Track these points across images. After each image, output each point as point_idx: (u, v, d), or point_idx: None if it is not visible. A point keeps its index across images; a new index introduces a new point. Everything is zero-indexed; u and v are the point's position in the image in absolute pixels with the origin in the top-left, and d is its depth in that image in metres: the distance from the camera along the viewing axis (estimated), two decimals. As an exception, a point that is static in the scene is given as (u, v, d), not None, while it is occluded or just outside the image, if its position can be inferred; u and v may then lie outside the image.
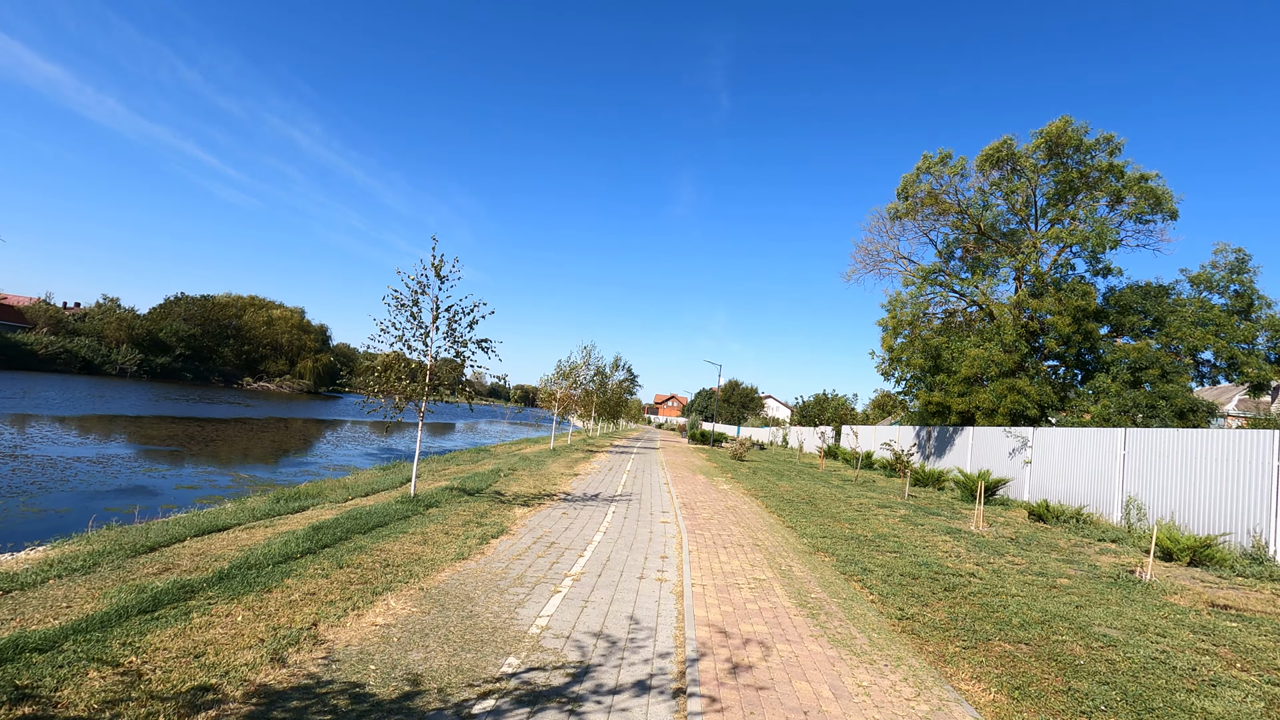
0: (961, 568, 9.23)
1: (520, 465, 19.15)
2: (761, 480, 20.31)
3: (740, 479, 20.43)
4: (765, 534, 11.07)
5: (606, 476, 18.59)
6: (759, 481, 19.90)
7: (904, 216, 25.67)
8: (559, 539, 9.14)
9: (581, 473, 18.84)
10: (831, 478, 22.84)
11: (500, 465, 18.71)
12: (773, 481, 20.05)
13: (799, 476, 22.23)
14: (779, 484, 19.33)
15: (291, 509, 9.57)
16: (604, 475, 18.82)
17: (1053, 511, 14.96)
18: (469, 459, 21.57)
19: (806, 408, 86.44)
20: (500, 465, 18.71)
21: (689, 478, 19.87)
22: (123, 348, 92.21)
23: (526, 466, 18.95)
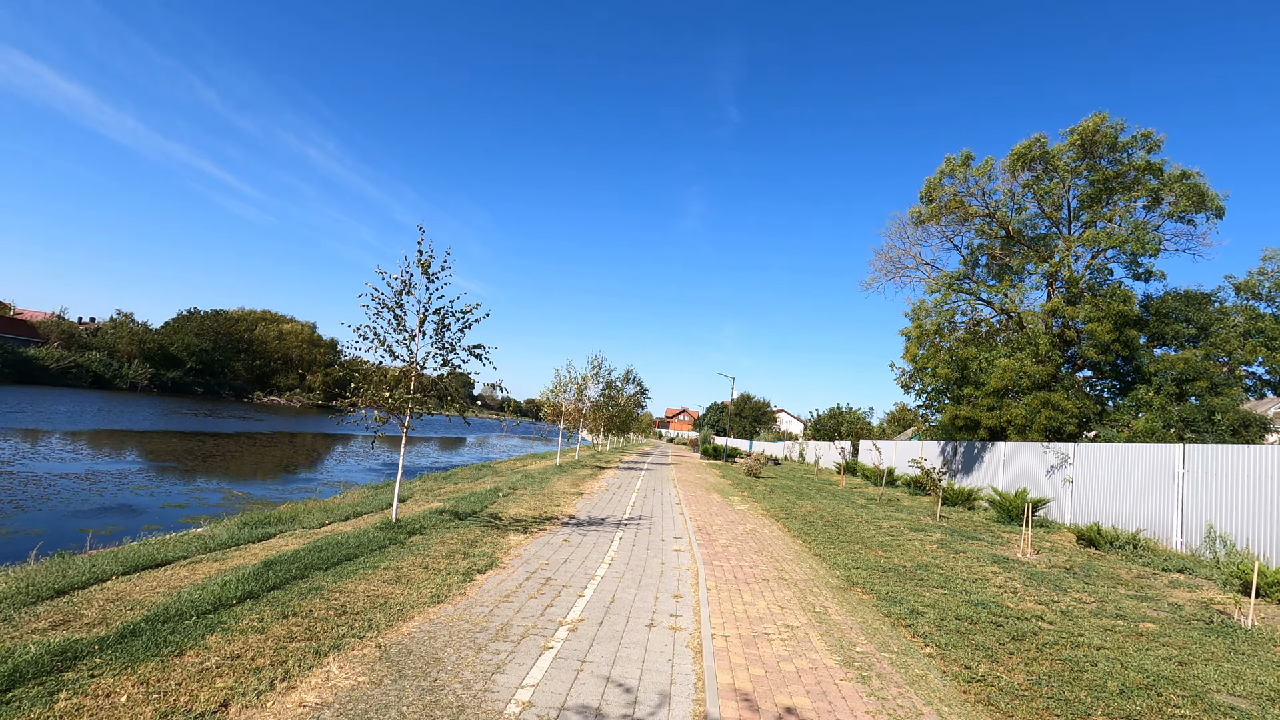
0: (1023, 608, 7.93)
1: (522, 484, 17.97)
2: (780, 499, 19.00)
3: (758, 498, 19.14)
4: (792, 564, 9.80)
5: (614, 496, 17.37)
6: (778, 501, 18.59)
7: (927, 221, 24.45)
8: (557, 573, 7.94)
9: (587, 492, 17.63)
10: (854, 496, 21.47)
11: (501, 484, 17.55)
12: (792, 501, 18.74)
13: (819, 495, 20.88)
14: (799, 503, 18.02)
15: (255, 536, 8.44)
16: (612, 495, 17.60)
17: (1105, 536, 13.56)
18: (469, 476, 20.43)
19: (821, 422, 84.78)
20: (501, 484, 17.55)
21: (703, 497, 18.61)
22: (134, 362, 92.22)
23: (529, 485, 17.77)
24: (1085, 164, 21.64)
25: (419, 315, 9.55)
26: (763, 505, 17.24)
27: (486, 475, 20.72)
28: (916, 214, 24.70)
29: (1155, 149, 20.95)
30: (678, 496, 18.28)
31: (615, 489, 18.60)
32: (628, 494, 17.92)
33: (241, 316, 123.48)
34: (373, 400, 9.18)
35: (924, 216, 24.35)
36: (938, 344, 24.85)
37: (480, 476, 20.32)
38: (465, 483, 18.45)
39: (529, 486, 17.33)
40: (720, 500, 18.05)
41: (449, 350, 9.68)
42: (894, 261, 25.90)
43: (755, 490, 21.47)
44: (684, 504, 16.52)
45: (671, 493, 18.58)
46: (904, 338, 26.55)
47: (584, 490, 17.79)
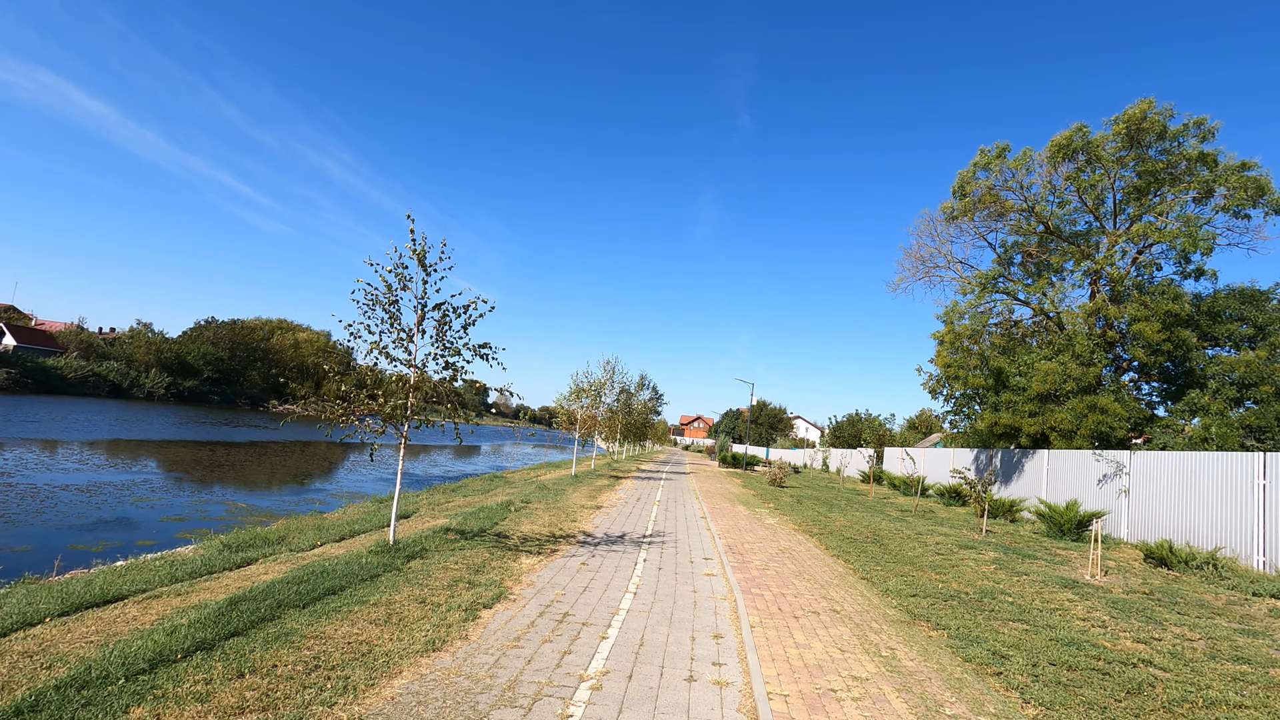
0: (1122, 647, 6.73)
1: (536, 496, 16.93)
2: (810, 511, 17.80)
3: (785, 510, 17.95)
4: (840, 591, 8.65)
5: (634, 509, 16.27)
6: (807, 513, 17.39)
7: (960, 217, 23.20)
8: (574, 606, 6.86)
9: (605, 505, 16.54)
10: (886, 507, 20.20)
11: (513, 496, 16.52)
12: (823, 513, 17.54)
13: (850, 506, 19.64)
14: (831, 516, 16.81)
15: (233, 562, 7.44)
16: (631, 507, 16.50)
17: (1178, 555, 12.25)
18: (479, 488, 19.44)
19: (840, 428, 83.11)
20: (513, 496, 16.52)
21: (728, 509, 17.45)
22: (151, 371, 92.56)
23: (543, 498, 16.72)
24: (1131, 154, 20.32)
25: (417, 312, 8.55)
26: (793, 519, 16.05)
27: (498, 487, 19.71)
28: (949, 209, 23.46)
29: (1209, 137, 19.61)
30: (701, 509, 17.14)
31: (634, 501, 17.50)
32: (648, 507, 16.81)
33: (258, 326, 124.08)
34: (367, 408, 8.18)
35: (956, 212, 23.11)
36: (969, 348, 23.55)
37: (492, 488, 19.31)
38: (475, 495, 17.44)
39: (543, 499, 16.28)
40: (747, 513, 16.89)
41: (451, 351, 8.67)
42: (924, 261, 24.68)
43: (781, 501, 20.28)
44: (709, 518, 15.39)
45: (694, 505, 17.45)
46: (935, 341, 25.29)
47: (601, 503, 16.71)
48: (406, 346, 8.59)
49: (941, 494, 23.19)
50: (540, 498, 16.57)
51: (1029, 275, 24.55)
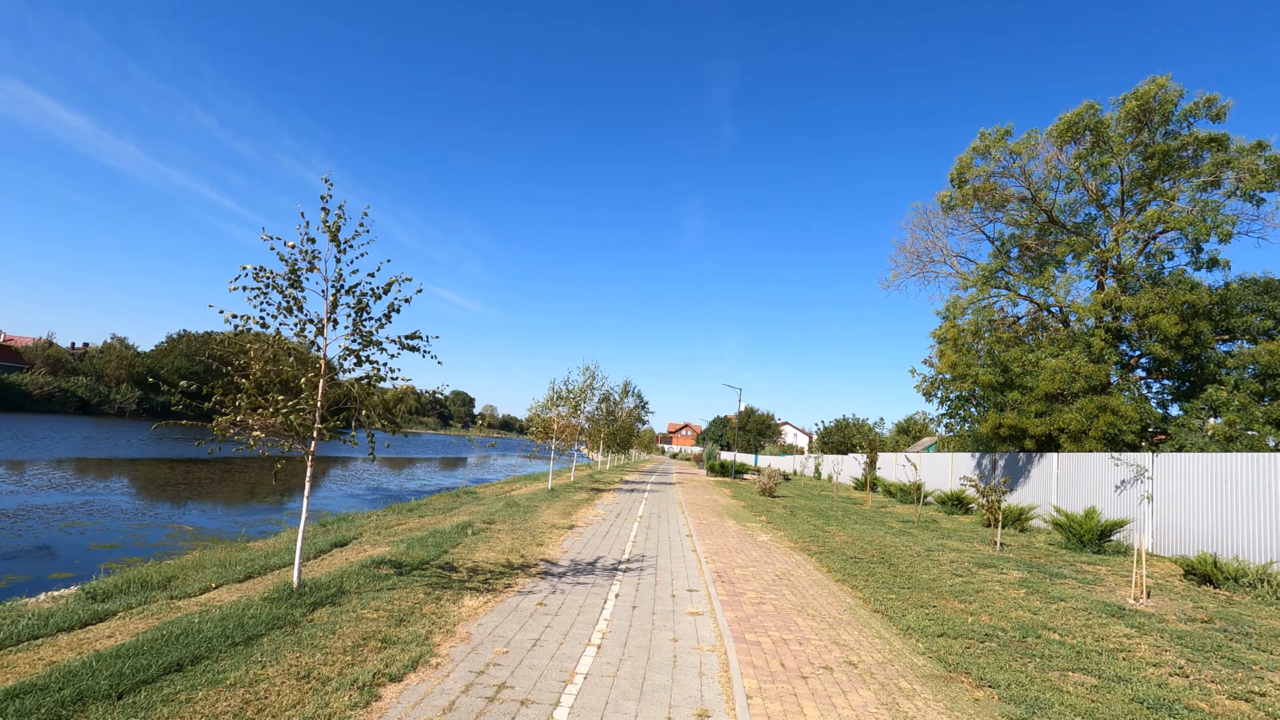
0: (1221, 709, 5.22)
1: (502, 515, 15.26)
2: (806, 525, 16.27)
3: (779, 524, 16.39)
4: (853, 632, 7.09)
5: (611, 528, 14.65)
6: (803, 527, 15.86)
7: (958, 206, 21.90)
8: (516, 672, 5.24)
9: (580, 523, 14.91)
10: (886, 518, 18.73)
11: (476, 515, 14.83)
12: (820, 527, 16.01)
13: (848, 518, 18.14)
14: (830, 530, 15.29)
15: (81, 618, 5.76)
16: (608, 526, 14.88)
17: (1224, 570, 10.82)
18: (442, 506, 17.71)
19: (829, 434, 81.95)
20: (476, 515, 14.83)
21: (716, 524, 15.86)
22: (122, 386, 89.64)
23: (510, 516, 15.06)
24: (1139, 138, 19.10)
25: (329, 298, 6.95)
26: (789, 535, 14.50)
27: (464, 504, 18.00)
28: (945, 199, 22.15)
29: (1220, 117, 18.43)
30: (687, 526, 15.54)
31: (613, 518, 15.86)
32: (627, 524, 15.19)
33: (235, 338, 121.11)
34: (261, 420, 6.55)
35: (954, 201, 21.81)
36: (972, 345, 22.20)
37: (456, 506, 17.60)
38: (435, 514, 15.73)
39: (510, 518, 14.60)
40: (737, 529, 15.31)
41: (367, 342, 7.08)
42: (918, 256, 23.36)
43: (774, 513, 18.74)
44: (696, 536, 13.80)
45: (679, 521, 15.85)
46: (933, 340, 23.94)
47: (576, 521, 15.06)
48: (316, 339, 6.98)
49: (943, 502, 21.75)
50: (507, 516, 14.89)
51: (1027, 269, 23.28)
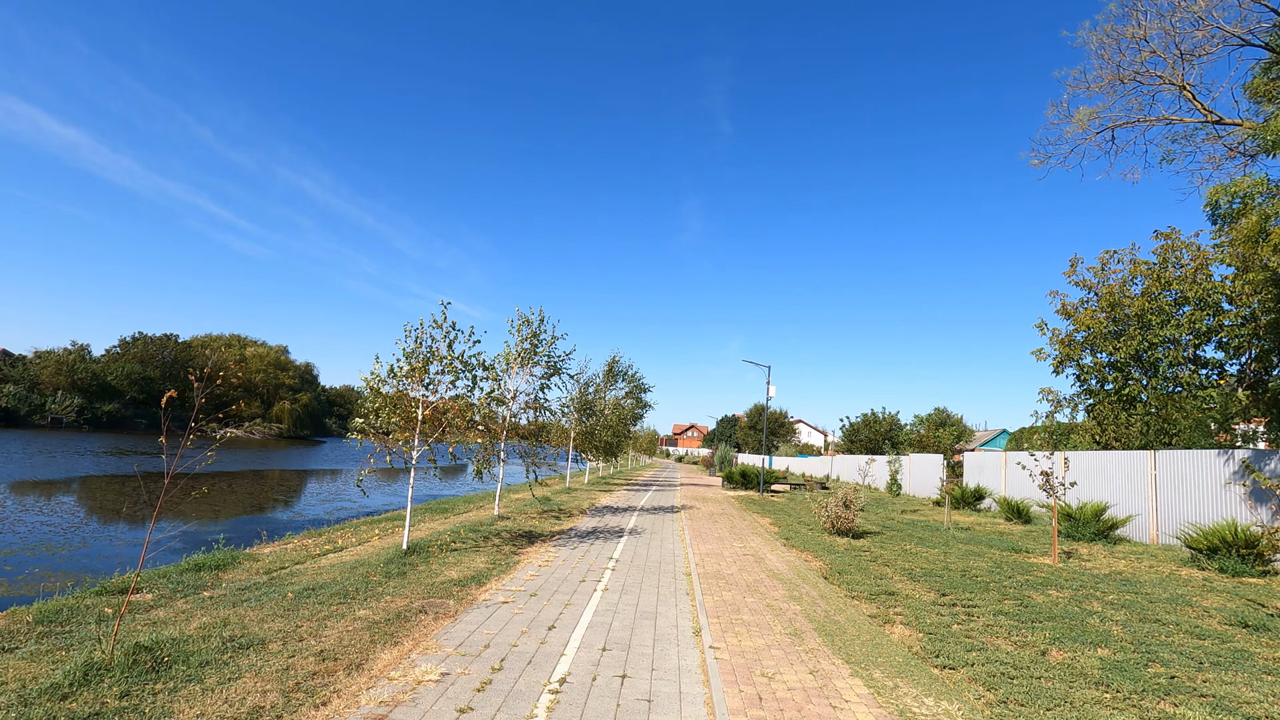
0: None
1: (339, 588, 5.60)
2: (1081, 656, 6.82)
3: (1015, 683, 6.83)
4: None
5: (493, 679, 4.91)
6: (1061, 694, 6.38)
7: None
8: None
9: (425, 651, 5.24)
10: (1093, 579, 9.28)
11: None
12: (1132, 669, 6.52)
13: (1048, 593, 8.66)
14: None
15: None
16: (477, 673, 5.14)
17: None
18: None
19: (855, 430, 71.84)
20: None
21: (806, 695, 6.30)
22: (59, 395, 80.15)
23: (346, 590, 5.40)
24: None
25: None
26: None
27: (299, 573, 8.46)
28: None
29: None
30: (712, 693, 5.88)
31: (525, 627, 6.27)
32: (540, 669, 5.56)
33: (206, 342, 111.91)
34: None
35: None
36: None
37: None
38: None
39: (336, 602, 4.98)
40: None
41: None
42: (1120, 78, 13.14)
43: (921, 609, 9.28)
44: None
45: (682, 654, 6.32)
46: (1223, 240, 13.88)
47: (421, 639, 5.45)
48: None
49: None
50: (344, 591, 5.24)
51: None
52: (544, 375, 13.50)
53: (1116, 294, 20.02)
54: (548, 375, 13.54)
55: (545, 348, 13.43)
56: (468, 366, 9.86)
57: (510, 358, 13.17)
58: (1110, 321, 19.96)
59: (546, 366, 13.55)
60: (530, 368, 13.41)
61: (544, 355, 13.47)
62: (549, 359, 13.50)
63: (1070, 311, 20.93)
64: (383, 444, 9.60)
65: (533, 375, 13.59)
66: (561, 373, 13.74)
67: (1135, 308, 19.24)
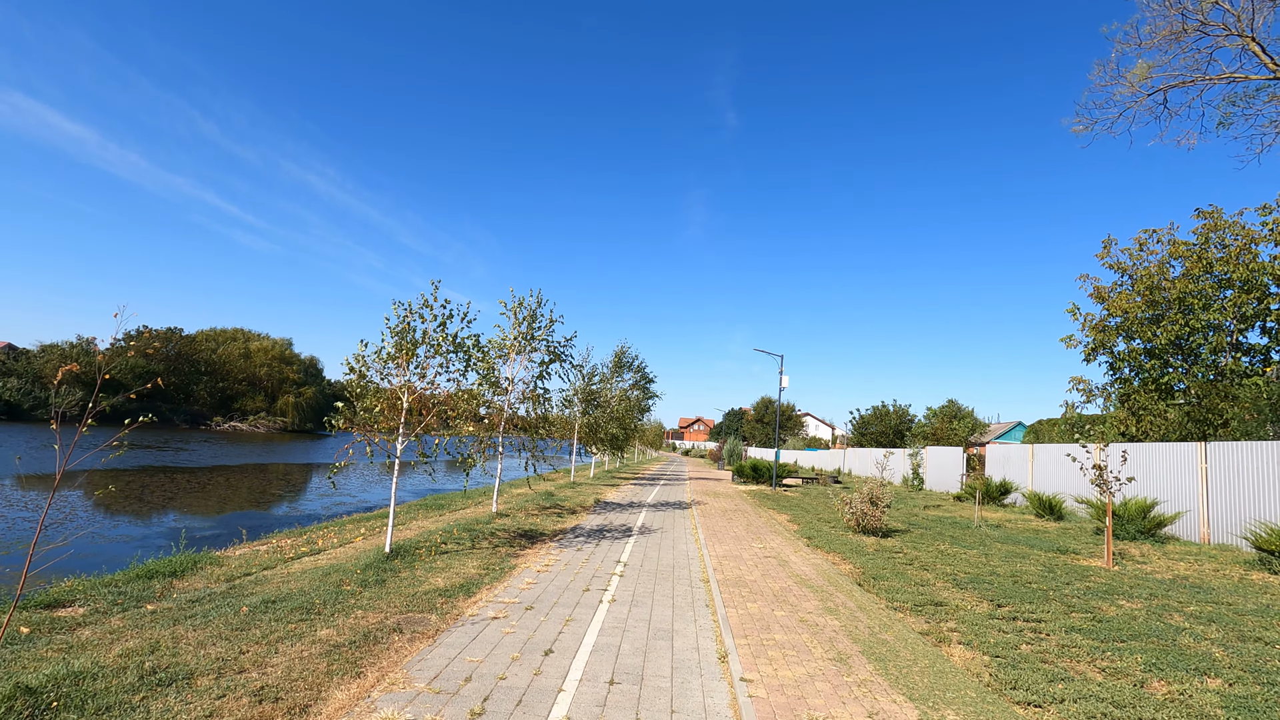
0: None
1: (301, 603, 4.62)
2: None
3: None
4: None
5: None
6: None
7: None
8: None
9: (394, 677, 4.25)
10: (1158, 583, 8.24)
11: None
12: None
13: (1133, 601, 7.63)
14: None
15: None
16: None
17: None
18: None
19: (866, 423, 70.60)
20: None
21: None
22: (62, 389, 79.74)
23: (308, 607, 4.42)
24: None
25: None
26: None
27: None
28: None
29: None
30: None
31: (528, 634, 5.31)
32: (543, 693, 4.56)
33: (211, 336, 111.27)
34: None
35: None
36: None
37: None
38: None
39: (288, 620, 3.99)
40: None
41: None
42: (1175, 34, 11.97)
43: (976, 623, 8.26)
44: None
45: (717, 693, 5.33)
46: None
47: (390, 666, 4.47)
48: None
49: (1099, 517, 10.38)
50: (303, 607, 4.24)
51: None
52: (543, 362, 12.43)
53: (1155, 276, 18.83)
54: (547, 362, 12.46)
55: (544, 332, 12.37)
56: (460, 347, 8.81)
57: (507, 343, 12.13)
58: (1147, 305, 18.78)
59: (546, 352, 12.49)
60: (528, 354, 12.37)
61: (543, 340, 12.41)
62: (548, 344, 12.43)
63: (1104, 295, 19.74)
64: (364, 435, 8.58)
65: (531, 362, 12.53)
66: (563, 359, 12.68)
67: (1176, 291, 18.04)
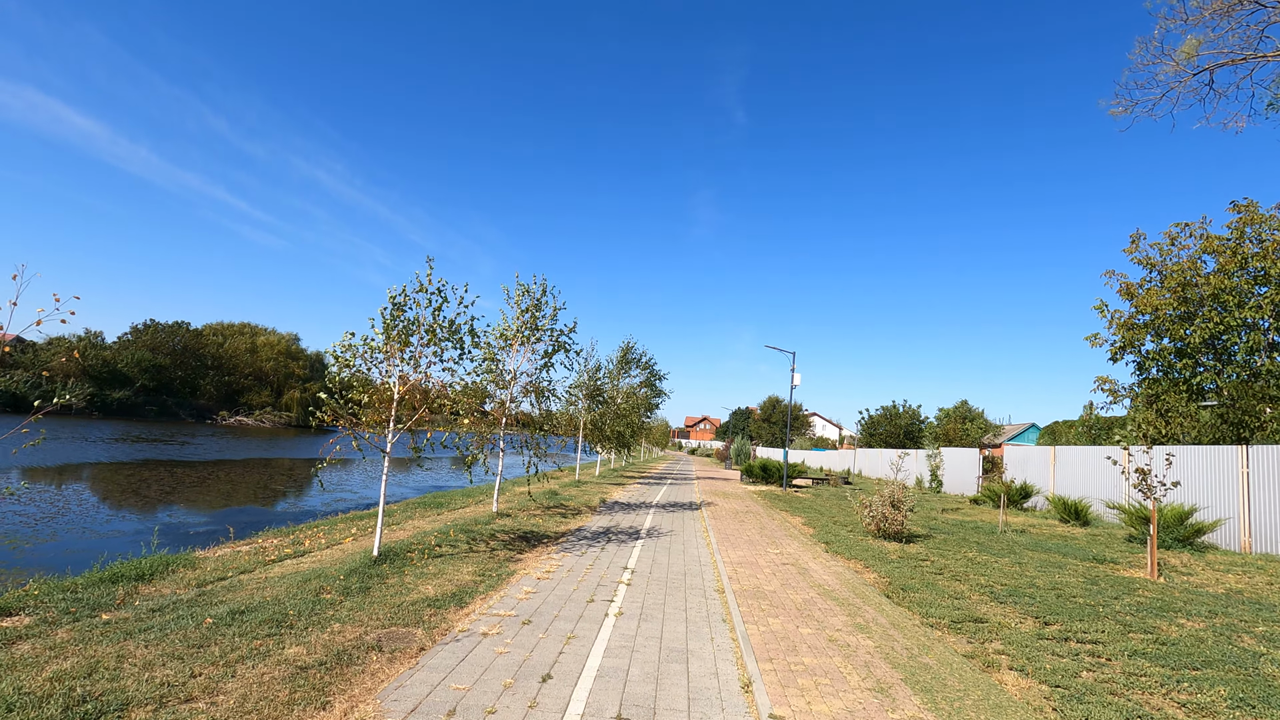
0: None
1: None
2: None
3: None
4: None
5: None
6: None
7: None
8: None
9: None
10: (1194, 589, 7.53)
11: None
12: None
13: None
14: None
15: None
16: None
17: None
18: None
19: (874, 424, 69.69)
20: None
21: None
22: (69, 382, 79.72)
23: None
24: None
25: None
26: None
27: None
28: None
29: None
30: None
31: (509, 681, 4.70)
32: None
33: (217, 330, 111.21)
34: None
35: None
36: None
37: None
38: None
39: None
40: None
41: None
42: (1228, 7, 11.11)
43: (1036, 657, 7.54)
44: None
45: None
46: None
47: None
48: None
49: (1135, 522, 9.76)
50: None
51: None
52: (547, 353, 11.75)
53: (1187, 272, 18.02)
54: (551, 353, 11.78)
55: (548, 321, 11.69)
56: (454, 332, 8.15)
57: (509, 334, 11.47)
58: (1179, 303, 17.97)
59: (550, 343, 11.82)
60: (532, 344, 11.70)
61: (547, 330, 11.74)
62: (552, 333, 11.75)
63: (1133, 292, 18.94)
64: (351, 430, 7.94)
65: (534, 353, 11.87)
66: (567, 349, 12.00)
67: (1211, 287, 17.23)
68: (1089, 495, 17.80)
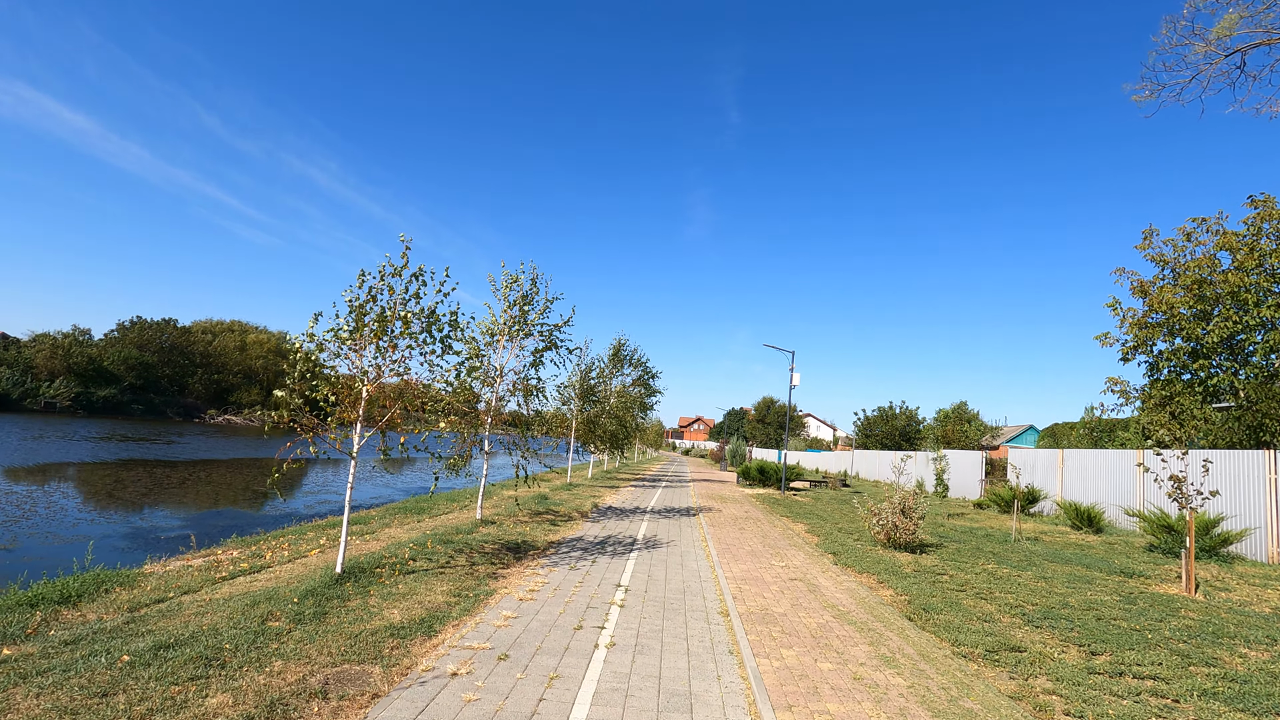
0: None
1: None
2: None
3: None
4: None
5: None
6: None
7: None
8: None
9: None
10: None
11: None
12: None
13: None
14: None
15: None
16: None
17: None
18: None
19: (870, 425, 69.04)
20: None
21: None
22: (56, 380, 78.25)
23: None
24: None
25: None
26: None
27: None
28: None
29: None
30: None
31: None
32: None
33: (207, 328, 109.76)
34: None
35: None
36: None
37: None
38: None
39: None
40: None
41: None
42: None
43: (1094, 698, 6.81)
44: None
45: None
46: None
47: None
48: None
49: (1156, 531, 9.09)
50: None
51: None
52: (537, 350, 10.93)
53: (1203, 269, 17.34)
54: (541, 350, 10.96)
55: (538, 315, 10.88)
56: (434, 321, 7.30)
57: (495, 328, 10.65)
58: (1196, 300, 17.29)
59: (540, 339, 11.00)
60: (520, 340, 10.89)
61: (537, 325, 10.92)
62: (543, 328, 10.93)
63: (1146, 290, 18.25)
64: (309, 431, 7.11)
65: (523, 350, 11.05)
66: (558, 346, 11.19)
67: (1229, 285, 16.55)
68: (1101, 501, 17.10)
